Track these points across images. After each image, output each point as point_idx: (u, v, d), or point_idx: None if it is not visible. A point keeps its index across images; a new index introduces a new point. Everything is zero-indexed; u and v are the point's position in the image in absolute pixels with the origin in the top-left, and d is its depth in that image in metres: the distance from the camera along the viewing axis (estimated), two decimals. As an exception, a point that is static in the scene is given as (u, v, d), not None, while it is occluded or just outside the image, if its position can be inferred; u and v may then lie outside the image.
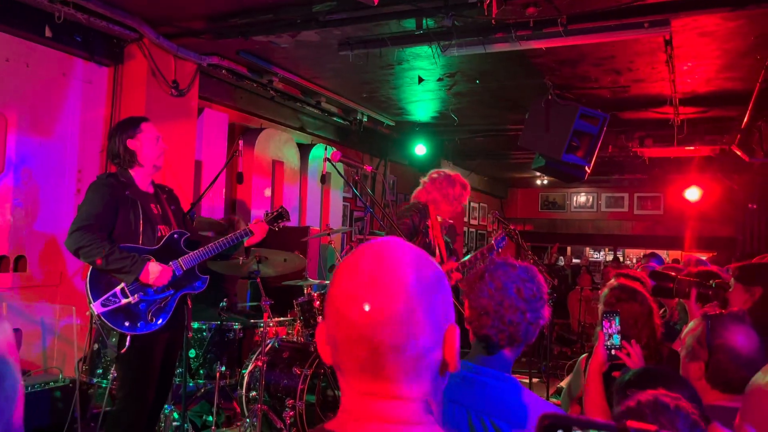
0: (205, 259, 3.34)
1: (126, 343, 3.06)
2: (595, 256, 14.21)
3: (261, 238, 3.58)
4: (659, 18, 4.06)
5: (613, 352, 2.30)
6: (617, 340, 2.32)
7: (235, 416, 4.48)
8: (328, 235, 4.88)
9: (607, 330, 2.32)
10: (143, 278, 3.06)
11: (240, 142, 4.17)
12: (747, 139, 7.11)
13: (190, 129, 5.24)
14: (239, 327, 4.30)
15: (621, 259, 13.13)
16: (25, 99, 4.43)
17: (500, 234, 3.79)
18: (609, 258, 13.54)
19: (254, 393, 4.18)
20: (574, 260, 13.83)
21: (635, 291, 2.57)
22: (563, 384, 6.04)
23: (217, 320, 4.25)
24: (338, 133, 7.99)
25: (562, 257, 13.55)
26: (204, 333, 4.19)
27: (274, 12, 4.31)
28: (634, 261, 12.80)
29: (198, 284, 3.37)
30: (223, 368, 4.10)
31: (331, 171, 6.90)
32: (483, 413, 1.58)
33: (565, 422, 0.59)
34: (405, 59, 5.33)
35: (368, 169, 3.78)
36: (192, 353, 4.15)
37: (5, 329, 0.95)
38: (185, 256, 3.26)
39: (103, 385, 3.71)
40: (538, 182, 13.16)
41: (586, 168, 5.72)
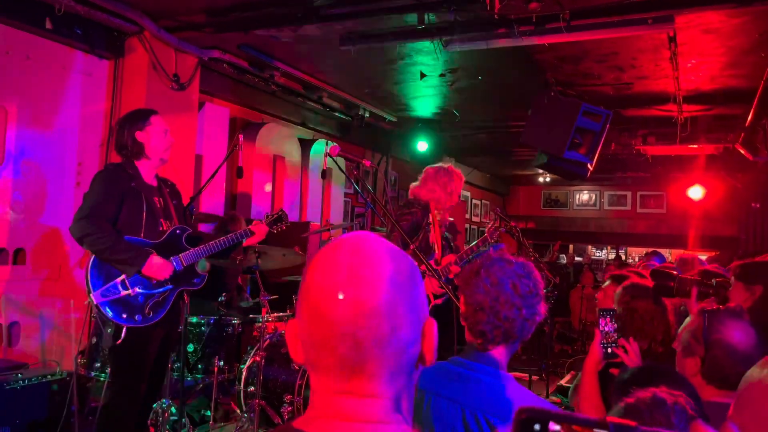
0: (205, 257, 3.36)
1: (122, 335, 3.07)
2: (598, 255, 14.17)
3: (260, 239, 3.63)
4: (663, 14, 4.02)
5: (610, 350, 2.29)
6: (614, 337, 2.30)
7: (233, 411, 4.47)
8: (329, 231, 4.87)
9: (604, 328, 2.31)
10: (145, 271, 3.08)
11: (240, 136, 4.15)
12: (751, 138, 7.07)
13: (191, 123, 5.22)
14: (238, 322, 4.30)
15: (623, 258, 13.09)
16: (25, 91, 4.42)
17: (492, 226, 3.76)
18: (611, 256, 13.51)
19: (252, 388, 4.17)
20: (577, 258, 13.80)
21: (649, 288, 2.63)
22: (563, 382, 6.03)
23: (216, 315, 4.25)
24: (340, 129, 7.96)
25: (564, 255, 13.51)
26: (202, 327, 4.18)
27: (275, 6, 4.29)
28: (637, 259, 12.75)
29: (196, 281, 3.39)
30: (222, 363, 4.10)
31: (332, 166, 6.88)
32: (477, 410, 1.56)
33: (542, 416, 0.57)
34: (407, 54, 5.30)
35: (367, 164, 3.75)
36: (190, 348, 4.15)
37: None
38: (186, 252, 3.27)
39: (101, 379, 3.68)
40: (541, 180, 13.13)
41: (589, 165, 5.69)
